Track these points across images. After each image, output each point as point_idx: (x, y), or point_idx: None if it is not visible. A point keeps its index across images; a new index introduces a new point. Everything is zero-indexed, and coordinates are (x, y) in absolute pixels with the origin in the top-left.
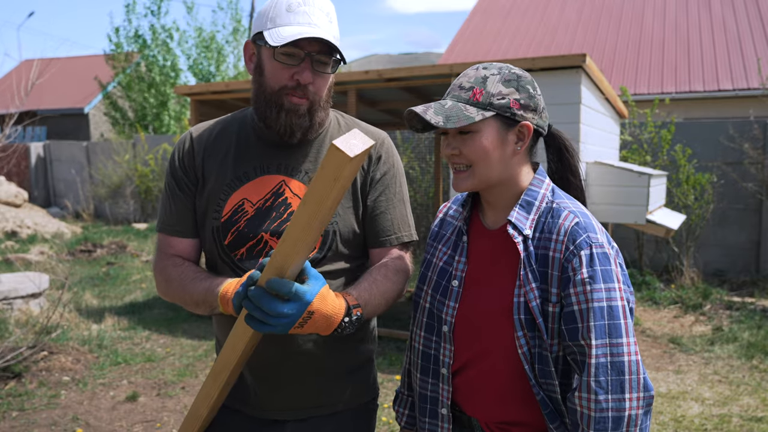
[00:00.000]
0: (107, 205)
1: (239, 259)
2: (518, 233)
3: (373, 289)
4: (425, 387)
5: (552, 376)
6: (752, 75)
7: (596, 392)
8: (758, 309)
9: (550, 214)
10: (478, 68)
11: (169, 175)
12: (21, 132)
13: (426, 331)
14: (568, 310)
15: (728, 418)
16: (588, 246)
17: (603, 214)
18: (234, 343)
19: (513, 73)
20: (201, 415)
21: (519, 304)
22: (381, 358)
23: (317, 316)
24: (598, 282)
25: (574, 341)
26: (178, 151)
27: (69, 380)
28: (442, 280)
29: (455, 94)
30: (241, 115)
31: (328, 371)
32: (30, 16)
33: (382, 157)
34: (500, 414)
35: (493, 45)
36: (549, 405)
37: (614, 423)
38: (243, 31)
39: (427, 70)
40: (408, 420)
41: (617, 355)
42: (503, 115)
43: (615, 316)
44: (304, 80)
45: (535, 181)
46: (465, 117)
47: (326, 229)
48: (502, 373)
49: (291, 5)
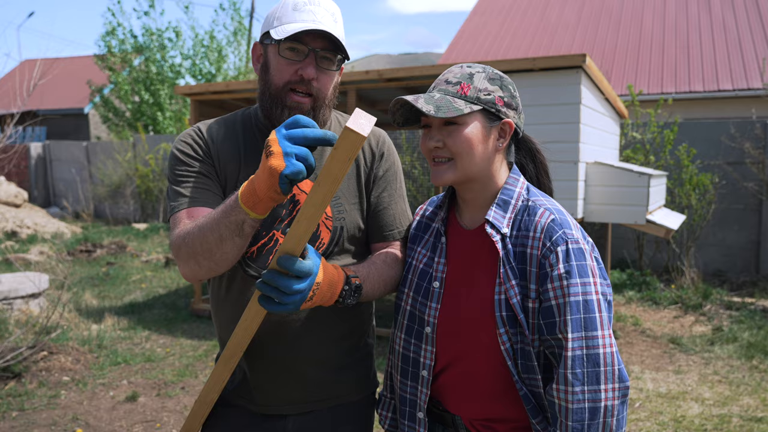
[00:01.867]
0: (107, 205)
1: (249, 257)
2: (496, 232)
3: (371, 269)
4: (405, 390)
5: (535, 370)
6: (752, 75)
7: (573, 384)
8: (758, 309)
9: (527, 211)
10: (462, 66)
11: (180, 159)
12: (21, 132)
13: (406, 333)
14: (546, 305)
15: (728, 418)
16: (564, 242)
17: (603, 214)
18: (246, 326)
19: (496, 73)
20: (212, 401)
21: (500, 301)
22: (382, 357)
23: (323, 286)
24: (574, 277)
25: (552, 335)
26: (190, 141)
27: (69, 380)
28: (423, 281)
29: (442, 87)
30: (245, 114)
31: (328, 365)
32: (30, 16)
33: (384, 154)
34: (483, 411)
35: (493, 45)
36: (532, 400)
37: (590, 413)
38: (244, 32)
39: (427, 70)
40: (391, 423)
41: (592, 348)
42: (489, 111)
43: (590, 310)
44: (307, 75)
45: (510, 180)
46: (454, 108)
47: (334, 224)
48: (485, 371)
49: (297, 4)
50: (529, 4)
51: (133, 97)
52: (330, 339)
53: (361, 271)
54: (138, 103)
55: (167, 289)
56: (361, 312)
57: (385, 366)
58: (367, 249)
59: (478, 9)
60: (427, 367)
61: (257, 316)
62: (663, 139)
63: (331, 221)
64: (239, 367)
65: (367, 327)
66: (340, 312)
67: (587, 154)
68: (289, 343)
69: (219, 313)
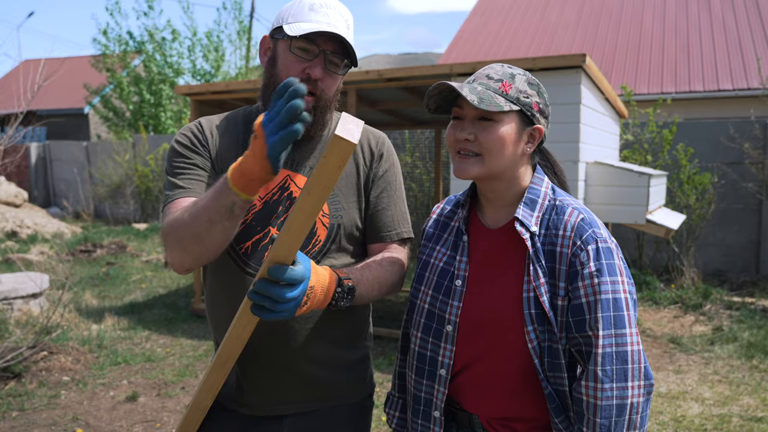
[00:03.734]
0: (107, 205)
1: (244, 252)
2: (525, 230)
3: (365, 271)
4: (419, 389)
5: (561, 368)
6: (752, 75)
7: (602, 381)
8: (758, 309)
9: (554, 211)
10: (503, 65)
11: (179, 152)
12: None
13: (423, 332)
14: (575, 303)
15: (728, 418)
16: (594, 241)
17: (603, 214)
18: (238, 333)
19: (534, 78)
20: (206, 407)
21: (529, 299)
22: (381, 357)
23: (317, 289)
24: (604, 275)
25: (581, 332)
26: (189, 134)
27: (69, 380)
28: (444, 280)
29: (483, 81)
30: (246, 111)
31: (325, 364)
32: (30, 16)
33: (384, 155)
34: (502, 410)
35: (493, 45)
36: (556, 399)
37: (618, 410)
38: (245, 31)
39: (427, 70)
40: (399, 422)
41: (622, 345)
42: (525, 114)
43: (619, 308)
44: (314, 75)
45: (536, 180)
46: (495, 104)
47: (331, 222)
48: (507, 370)
49: (314, 5)
50: (529, 4)
51: (133, 97)
52: (327, 339)
53: (354, 273)
54: (139, 103)
55: (167, 289)
56: (358, 313)
57: (379, 365)
58: (365, 250)
59: (478, 9)
60: (446, 366)
61: (249, 324)
62: (662, 139)
63: (328, 218)
64: (232, 369)
65: (364, 328)
66: (337, 312)
67: (587, 154)
68: (285, 341)
69: (213, 313)
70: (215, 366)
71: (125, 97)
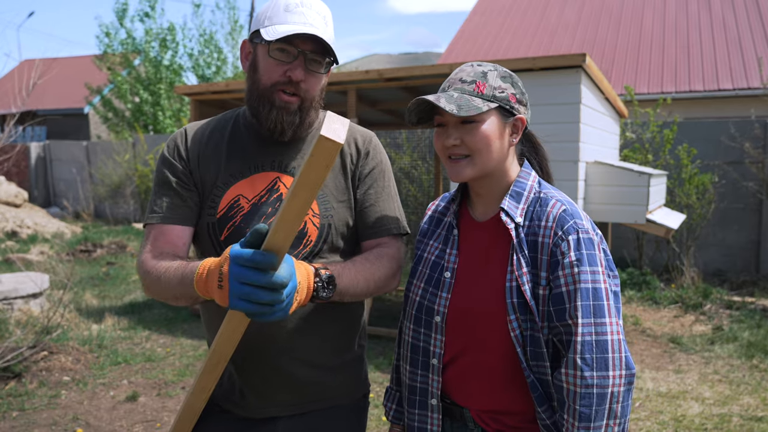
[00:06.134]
0: (107, 205)
1: None
2: (510, 220)
3: (348, 264)
4: (414, 379)
5: (543, 357)
6: (752, 75)
7: (582, 369)
8: (758, 309)
9: (539, 203)
10: (473, 65)
11: (161, 168)
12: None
13: (415, 323)
14: (556, 292)
15: (728, 417)
16: (575, 231)
17: (603, 213)
18: (229, 336)
19: (505, 70)
20: (198, 410)
21: (511, 288)
22: (381, 357)
23: (302, 283)
24: (584, 265)
25: (561, 321)
26: (172, 145)
27: (69, 380)
28: (435, 273)
29: (458, 87)
30: (233, 114)
31: (319, 365)
32: (30, 16)
33: (370, 153)
34: (491, 402)
35: (493, 45)
36: (539, 388)
37: (598, 399)
38: (240, 30)
39: (427, 70)
40: (395, 414)
41: (601, 334)
42: (504, 108)
43: (599, 297)
44: (296, 77)
45: (522, 174)
46: (474, 107)
47: (321, 222)
48: (494, 360)
49: (289, 5)
50: (529, 4)
51: (132, 97)
52: (320, 339)
53: (334, 266)
54: (138, 103)
55: None
56: (350, 313)
57: (379, 364)
58: (358, 248)
59: (478, 9)
60: (437, 356)
61: (240, 326)
62: (662, 138)
63: (318, 218)
64: (226, 370)
65: (359, 329)
66: (329, 312)
67: (587, 154)
68: (278, 342)
69: (206, 315)
70: (207, 368)
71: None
